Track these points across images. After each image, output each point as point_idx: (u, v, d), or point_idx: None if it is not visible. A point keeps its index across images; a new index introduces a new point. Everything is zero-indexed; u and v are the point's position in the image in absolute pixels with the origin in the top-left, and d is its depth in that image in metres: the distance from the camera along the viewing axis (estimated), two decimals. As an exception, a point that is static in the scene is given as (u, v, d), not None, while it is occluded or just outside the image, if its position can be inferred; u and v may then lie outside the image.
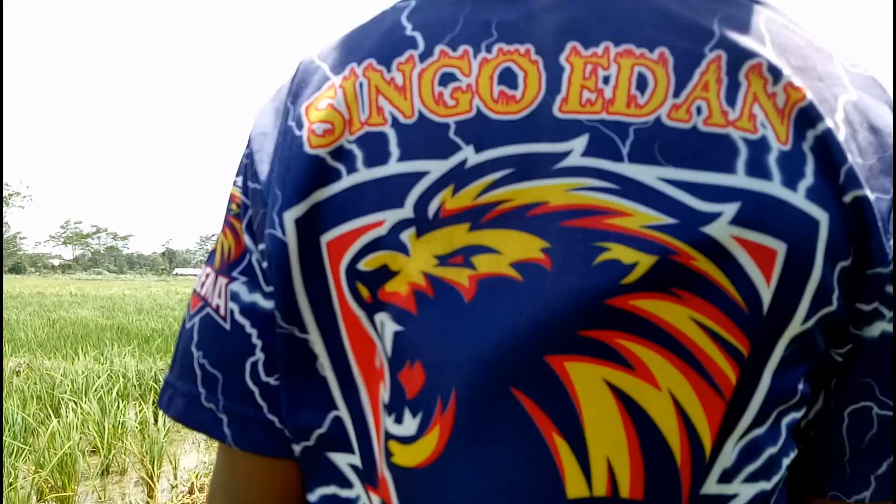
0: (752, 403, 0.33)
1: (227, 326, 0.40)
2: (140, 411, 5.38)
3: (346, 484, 0.38)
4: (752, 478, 0.34)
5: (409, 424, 0.34)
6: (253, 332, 0.39)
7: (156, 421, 4.87)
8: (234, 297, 0.40)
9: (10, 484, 3.63)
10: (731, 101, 0.32)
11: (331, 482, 0.38)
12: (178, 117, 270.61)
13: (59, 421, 4.76)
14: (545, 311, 0.32)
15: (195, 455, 5.22)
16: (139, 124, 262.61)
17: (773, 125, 0.32)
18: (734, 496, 0.34)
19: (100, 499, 4.26)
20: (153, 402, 5.74)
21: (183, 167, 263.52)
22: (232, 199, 0.41)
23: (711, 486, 0.33)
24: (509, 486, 0.33)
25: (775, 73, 0.33)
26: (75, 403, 5.34)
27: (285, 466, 0.40)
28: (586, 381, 0.32)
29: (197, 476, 3.66)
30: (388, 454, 0.35)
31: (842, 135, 0.33)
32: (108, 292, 28.50)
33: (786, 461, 0.36)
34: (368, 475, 0.37)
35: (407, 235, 0.34)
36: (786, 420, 0.35)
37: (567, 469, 0.32)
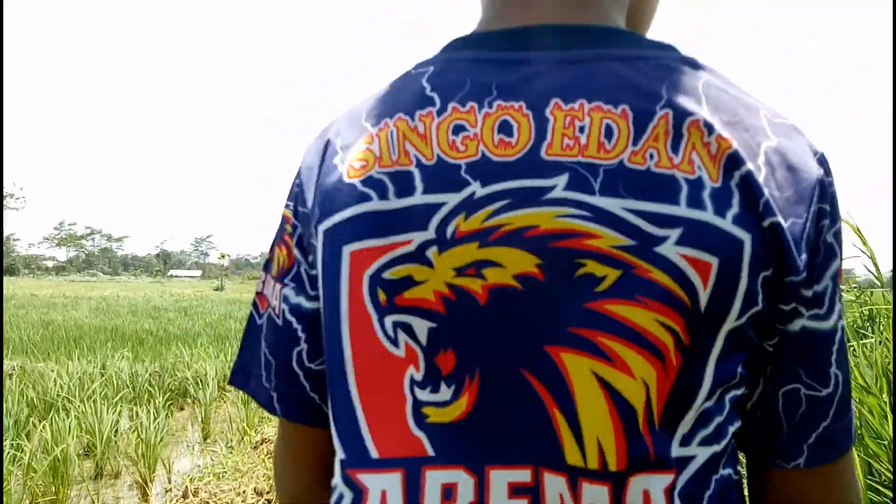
0: (703, 383, 0.42)
1: (280, 322, 0.52)
2: (134, 414, 5.35)
3: None
4: (705, 441, 0.43)
5: (445, 393, 0.44)
6: (298, 327, 0.50)
7: (150, 424, 4.84)
8: (285, 299, 0.51)
9: (3, 487, 3.60)
10: (675, 149, 0.42)
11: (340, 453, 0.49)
12: (172, 118, 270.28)
13: (52, 424, 4.73)
14: (541, 313, 0.42)
15: (189, 459, 5.19)
16: (133, 126, 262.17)
17: (707, 168, 0.42)
18: (693, 457, 0.43)
19: (93, 502, 4.24)
20: (147, 405, 5.71)
21: (177, 168, 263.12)
22: (285, 219, 0.53)
23: (675, 450, 0.42)
24: (520, 442, 0.43)
25: (709, 127, 0.42)
26: (68, 406, 5.31)
27: (325, 433, 0.50)
28: (578, 370, 0.42)
29: (191, 480, 3.65)
30: (423, 417, 0.44)
31: (762, 175, 0.42)
32: (102, 294, 28.38)
33: (731, 429, 0.45)
34: (353, 450, 0.47)
35: (431, 252, 0.43)
36: (728, 396, 0.45)
37: (565, 440, 0.42)
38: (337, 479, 0.48)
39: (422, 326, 0.44)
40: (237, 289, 46.24)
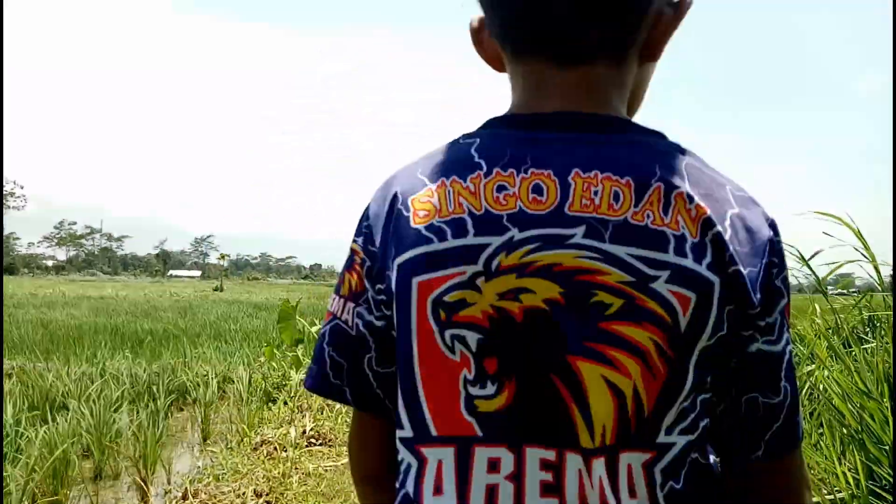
0: (685, 387, 0.56)
1: (353, 333, 0.65)
2: (134, 415, 5.34)
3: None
4: (683, 432, 0.57)
5: (490, 389, 0.57)
6: (370, 339, 0.64)
7: (150, 425, 4.84)
8: (360, 316, 0.64)
9: (3, 488, 3.60)
10: (665, 212, 0.56)
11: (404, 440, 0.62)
12: (173, 119, 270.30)
13: (51, 425, 4.73)
14: (563, 329, 0.55)
15: (189, 460, 5.19)
16: (134, 126, 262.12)
17: (689, 227, 0.56)
18: (675, 443, 0.57)
19: (92, 503, 4.23)
20: (147, 406, 5.71)
21: (178, 168, 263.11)
22: (354, 252, 0.65)
23: (661, 437, 0.56)
24: (547, 429, 0.56)
25: (690, 198, 0.56)
26: (68, 407, 5.31)
27: (384, 421, 0.65)
28: (591, 375, 0.55)
29: (191, 481, 3.64)
30: (474, 406, 0.57)
31: (728, 234, 0.56)
32: (101, 294, 28.37)
33: (702, 424, 0.59)
34: (422, 434, 0.60)
35: (479, 281, 0.56)
36: (700, 398, 0.58)
37: (580, 428, 0.56)
38: (403, 454, 0.61)
39: (472, 338, 0.57)
40: (237, 289, 46.21)
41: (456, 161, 0.61)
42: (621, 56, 0.62)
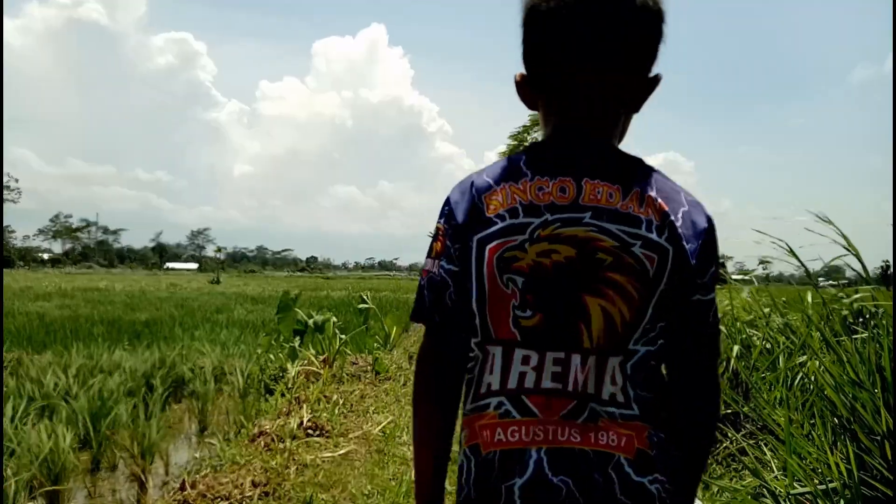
0: (647, 315, 0.90)
1: (438, 278, 0.97)
2: (131, 407, 5.35)
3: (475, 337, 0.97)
4: (645, 344, 0.92)
5: (528, 312, 0.90)
6: (449, 280, 0.95)
7: (147, 417, 4.85)
8: (442, 266, 0.96)
9: (3, 483, 3.61)
10: (640, 205, 0.91)
11: (475, 344, 0.97)
12: (168, 112, 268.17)
13: (49, 416, 4.74)
14: (577, 276, 0.90)
15: (187, 451, 5.20)
16: (130, 120, 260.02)
17: (654, 215, 0.90)
18: (638, 350, 0.91)
19: (90, 495, 4.25)
20: (144, 398, 5.72)
21: (174, 161, 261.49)
22: (439, 229, 0.98)
23: (631, 346, 0.90)
24: (562, 339, 0.89)
25: (655, 199, 0.91)
26: (65, 399, 5.32)
27: (454, 333, 0.98)
28: (593, 304, 0.89)
29: (189, 473, 3.66)
30: (519, 323, 0.91)
31: (678, 223, 0.91)
32: (98, 286, 28.30)
33: (659, 342, 0.93)
34: (488, 337, 0.95)
35: (526, 245, 0.91)
36: (659, 325, 0.92)
37: (584, 336, 0.89)
38: (475, 351, 0.96)
39: (519, 280, 0.91)
40: (233, 282, 46.07)
41: (512, 170, 0.96)
42: (623, 111, 1.02)
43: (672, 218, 0.91)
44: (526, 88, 1.03)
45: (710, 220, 0.95)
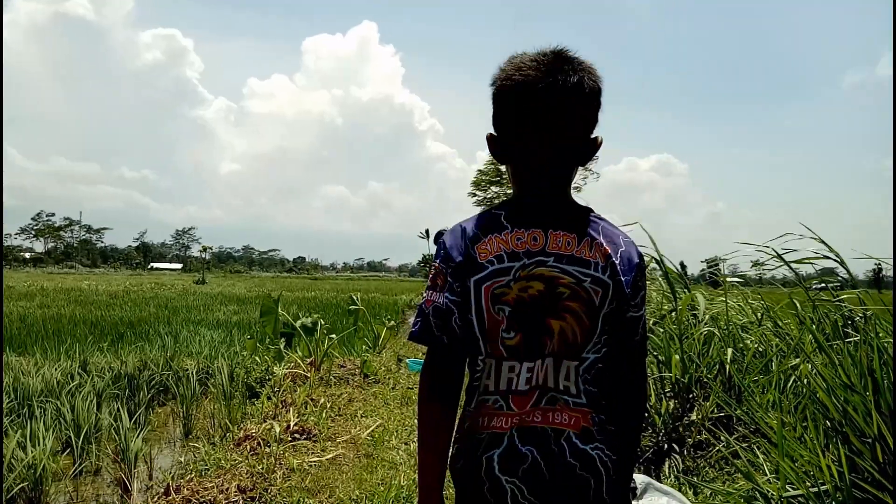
0: (596, 332, 1.24)
1: (444, 308, 1.23)
2: (114, 410, 5.26)
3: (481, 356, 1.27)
4: (594, 352, 1.25)
5: (511, 333, 1.22)
6: (453, 307, 1.22)
7: (131, 420, 4.77)
8: (447, 297, 1.23)
9: (3, 485, 3.52)
10: (590, 250, 1.24)
11: (474, 364, 1.28)
12: (154, 107, 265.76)
13: (30, 420, 4.64)
14: (545, 304, 1.22)
15: (171, 455, 5.13)
16: (115, 115, 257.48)
17: (600, 258, 1.23)
18: (589, 357, 1.24)
19: (72, 500, 4.16)
20: (128, 401, 5.63)
21: (159, 159, 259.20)
22: (437, 269, 1.26)
23: (583, 354, 1.23)
24: (535, 352, 1.22)
25: (601, 244, 1.24)
26: (47, 402, 5.22)
27: (458, 354, 1.26)
28: (555, 325, 1.22)
29: (173, 477, 3.59)
30: (504, 343, 1.22)
31: (617, 261, 1.24)
32: (81, 286, 27.95)
33: (604, 350, 1.26)
34: (486, 353, 1.25)
35: (511, 283, 1.22)
36: (604, 337, 1.25)
37: (548, 348, 1.22)
38: (479, 363, 1.25)
39: (506, 309, 1.21)
40: (219, 282, 45.71)
41: (494, 223, 1.26)
42: (574, 170, 1.31)
43: (613, 259, 1.24)
44: (496, 148, 1.31)
45: (640, 255, 1.31)
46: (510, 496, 1.20)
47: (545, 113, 1.22)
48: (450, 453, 1.28)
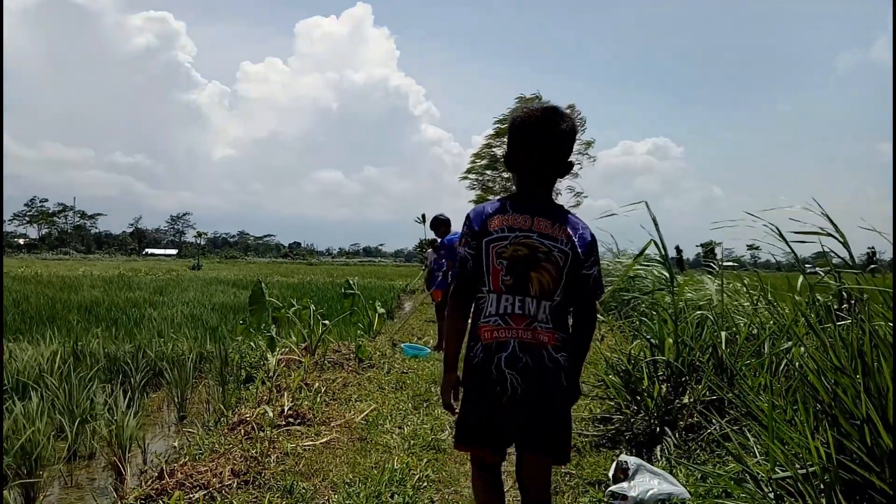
0: (562, 282, 2.04)
1: (464, 255, 2.09)
2: (108, 395, 5.26)
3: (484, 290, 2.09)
4: (560, 295, 2.05)
5: (508, 277, 2.03)
6: (468, 257, 2.08)
7: (125, 405, 4.76)
8: (466, 250, 2.09)
9: (3, 477, 3.52)
10: (560, 233, 2.05)
11: (482, 290, 2.09)
12: (147, 95, 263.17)
13: (23, 404, 4.63)
14: (530, 262, 2.03)
15: (165, 440, 5.14)
16: (106, 99, 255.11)
17: (564, 237, 2.04)
18: (557, 298, 2.03)
19: (66, 484, 4.17)
20: (122, 385, 5.62)
21: (153, 144, 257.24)
22: (464, 234, 2.12)
23: (555, 297, 2.03)
24: (522, 289, 2.02)
25: (566, 228, 2.06)
26: (41, 386, 5.21)
27: (473, 285, 2.11)
28: (534, 277, 2.01)
29: (167, 461, 3.59)
30: (503, 282, 2.02)
31: (577, 240, 2.05)
32: (75, 272, 27.86)
33: (563, 293, 2.05)
34: (484, 288, 2.08)
35: (507, 245, 2.04)
36: (565, 289, 2.05)
37: (531, 291, 2.02)
38: (483, 294, 2.06)
39: (504, 262, 2.01)
40: (215, 267, 45.60)
41: (502, 208, 2.07)
42: (554, 181, 2.13)
43: (573, 238, 2.03)
44: (508, 161, 2.13)
45: (592, 236, 2.10)
46: (509, 382, 1.97)
47: (539, 146, 2.03)
48: (466, 352, 2.12)
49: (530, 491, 2.06)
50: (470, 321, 2.12)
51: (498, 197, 2.15)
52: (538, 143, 2.00)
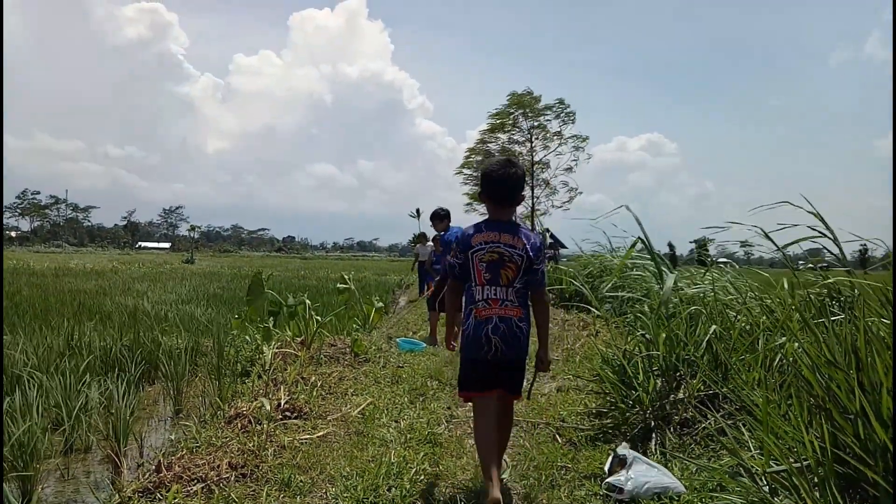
0: (520, 275, 3.04)
1: (454, 263, 3.16)
2: (104, 388, 5.26)
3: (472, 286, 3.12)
4: (520, 283, 3.06)
5: (487, 275, 3.06)
6: (457, 265, 3.14)
7: (120, 398, 4.76)
8: (456, 259, 3.14)
9: (3, 470, 3.51)
10: (517, 242, 3.05)
11: (469, 286, 3.14)
12: (139, 85, 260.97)
13: (19, 398, 4.63)
14: (498, 264, 3.06)
15: (162, 433, 5.14)
16: (98, 91, 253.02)
17: (521, 245, 3.04)
18: (517, 285, 3.05)
19: (63, 477, 4.17)
20: (118, 379, 5.62)
21: (146, 137, 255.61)
22: (454, 249, 3.18)
23: (515, 284, 3.05)
24: (496, 281, 3.06)
25: (522, 239, 3.06)
26: (36, 380, 5.20)
27: (462, 284, 3.19)
28: (503, 272, 3.05)
29: (164, 455, 3.60)
30: (484, 278, 3.05)
31: (529, 246, 3.05)
32: (68, 265, 27.72)
33: (525, 279, 3.06)
34: (472, 283, 3.12)
35: (484, 254, 3.07)
36: (523, 277, 3.06)
37: (502, 281, 3.05)
38: (469, 286, 3.11)
39: (483, 265, 3.04)
40: (208, 261, 45.44)
41: (479, 229, 3.08)
42: (514, 206, 3.17)
43: (527, 246, 3.00)
44: (481, 196, 3.19)
45: (541, 241, 3.09)
46: (493, 343, 2.96)
47: (501, 188, 3.08)
48: (462, 326, 3.15)
49: (507, 413, 3.26)
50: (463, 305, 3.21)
51: (475, 222, 3.16)
52: (499, 185, 3.09)
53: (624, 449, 3.28)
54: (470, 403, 3.46)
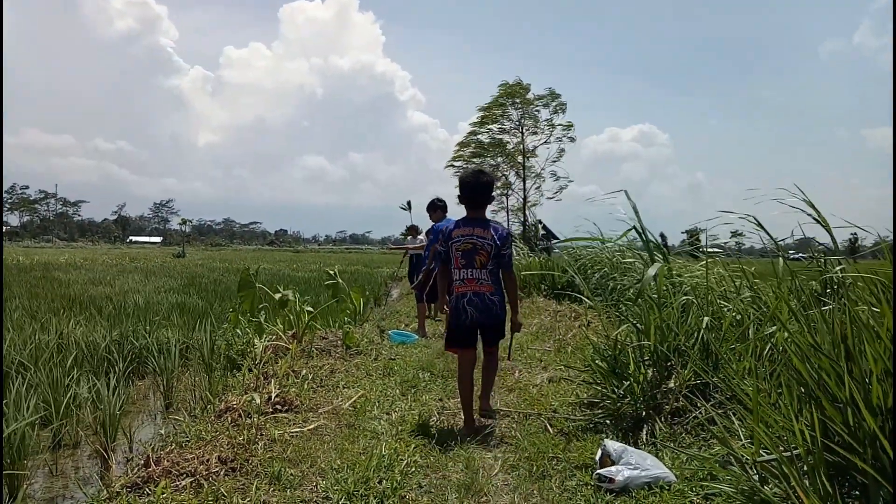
0: (490, 259, 4.23)
1: (441, 251, 4.42)
2: (93, 383, 5.21)
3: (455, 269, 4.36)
4: (491, 265, 4.24)
5: (463, 261, 4.27)
6: (442, 251, 4.39)
7: (109, 393, 4.72)
8: (442, 248, 4.40)
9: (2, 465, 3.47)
10: (488, 235, 4.25)
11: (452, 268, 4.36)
12: (131, 78, 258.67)
13: (7, 393, 4.57)
14: (472, 252, 4.27)
15: (151, 428, 5.11)
16: (87, 85, 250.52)
17: (490, 236, 4.23)
18: (490, 266, 4.24)
19: (52, 473, 4.14)
20: (106, 374, 5.57)
21: (137, 132, 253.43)
22: (439, 239, 4.46)
23: (488, 266, 4.25)
24: (471, 264, 4.26)
25: (490, 231, 4.28)
26: (24, 375, 5.14)
27: (449, 269, 4.41)
28: (477, 258, 4.24)
29: (153, 449, 3.57)
30: (461, 263, 4.26)
31: (497, 236, 4.25)
32: (58, 260, 27.51)
33: (497, 261, 4.25)
34: (454, 266, 4.35)
35: (460, 245, 4.28)
36: (494, 260, 4.25)
37: (476, 264, 4.26)
38: (454, 269, 4.30)
39: (460, 253, 4.25)
40: (200, 255, 45.21)
41: (458, 226, 4.30)
42: (485, 206, 4.39)
43: (495, 236, 4.17)
44: (460, 198, 4.36)
45: (508, 232, 4.35)
46: (469, 312, 4.17)
47: (473, 193, 4.27)
48: (448, 299, 4.38)
49: (490, 359, 4.50)
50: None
51: (455, 219, 4.15)
52: (472, 191, 4.25)
53: (612, 442, 3.28)
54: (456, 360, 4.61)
